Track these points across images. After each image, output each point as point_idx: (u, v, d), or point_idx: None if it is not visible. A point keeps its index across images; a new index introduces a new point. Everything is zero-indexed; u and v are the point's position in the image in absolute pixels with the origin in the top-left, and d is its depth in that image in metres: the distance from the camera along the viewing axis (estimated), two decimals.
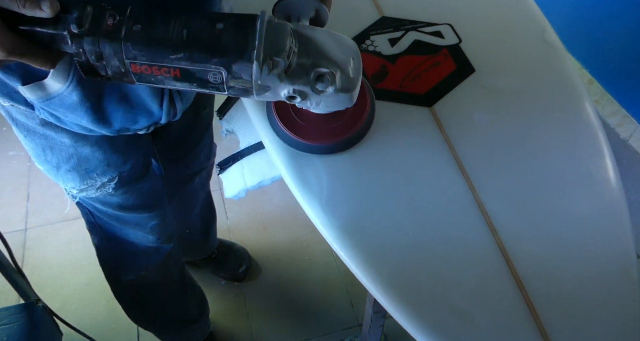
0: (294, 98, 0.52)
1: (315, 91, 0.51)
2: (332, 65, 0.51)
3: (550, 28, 0.84)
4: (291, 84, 0.50)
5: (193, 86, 0.50)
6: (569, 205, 0.65)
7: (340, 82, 0.51)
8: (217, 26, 0.48)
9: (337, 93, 0.51)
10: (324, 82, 0.50)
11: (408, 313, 0.56)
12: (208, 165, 1.22)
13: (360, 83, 0.54)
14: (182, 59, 0.47)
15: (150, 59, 0.48)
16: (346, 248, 0.61)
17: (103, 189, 0.84)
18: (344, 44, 0.53)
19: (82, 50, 0.48)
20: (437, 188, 0.66)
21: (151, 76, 0.49)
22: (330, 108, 0.55)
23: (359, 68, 0.54)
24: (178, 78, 0.49)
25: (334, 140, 0.65)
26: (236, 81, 0.49)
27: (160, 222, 1.00)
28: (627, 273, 0.59)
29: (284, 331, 1.51)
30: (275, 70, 0.48)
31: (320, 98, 0.52)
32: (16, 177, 1.85)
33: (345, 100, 0.54)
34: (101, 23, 0.47)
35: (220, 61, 0.47)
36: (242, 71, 0.48)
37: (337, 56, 0.52)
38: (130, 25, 0.47)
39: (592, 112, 0.74)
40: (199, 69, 0.48)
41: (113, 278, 1.12)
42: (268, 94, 0.51)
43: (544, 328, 0.56)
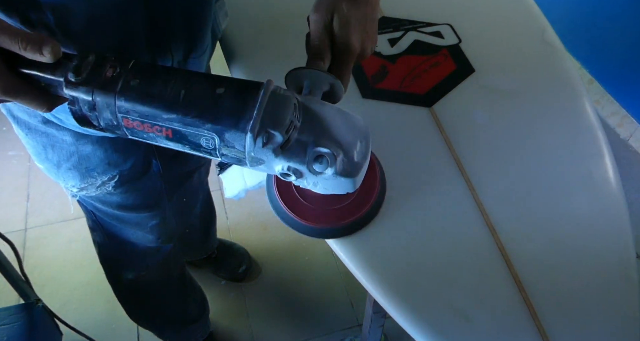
0: (288, 175, 0.48)
1: (312, 171, 0.47)
2: (335, 145, 0.47)
3: (550, 28, 0.84)
4: (286, 161, 0.47)
5: (185, 148, 0.48)
6: (568, 205, 0.65)
7: (341, 165, 0.47)
8: (217, 90, 0.45)
9: (336, 176, 0.48)
10: (323, 163, 0.47)
11: (407, 313, 0.56)
12: (206, 162, 1.22)
13: (365, 169, 0.50)
14: (174, 120, 0.45)
15: (142, 116, 0.46)
16: (345, 249, 0.61)
17: (103, 188, 0.84)
18: (354, 124, 0.49)
19: (76, 99, 0.46)
20: (436, 188, 0.65)
21: (143, 133, 0.47)
22: (329, 191, 0.51)
23: (366, 152, 0.49)
24: (170, 138, 0.47)
25: (338, 223, 0.60)
26: (229, 150, 0.46)
27: (160, 221, 1.00)
28: (626, 273, 0.59)
29: (284, 331, 1.51)
30: (270, 145, 0.45)
31: (318, 180, 0.49)
32: (16, 177, 1.86)
33: (346, 185, 0.49)
34: (100, 73, 0.46)
35: (213, 127, 0.45)
36: (235, 141, 0.45)
37: (343, 137, 0.48)
38: (129, 78, 0.46)
39: (592, 112, 0.74)
40: (191, 132, 0.46)
41: (114, 277, 1.12)
42: (262, 167, 0.48)
43: (543, 328, 0.56)
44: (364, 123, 0.50)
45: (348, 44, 0.56)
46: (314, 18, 0.56)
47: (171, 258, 1.14)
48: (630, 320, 0.57)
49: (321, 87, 0.54)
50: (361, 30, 0.57)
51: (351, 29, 0.56)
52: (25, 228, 1.72)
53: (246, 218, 1.75)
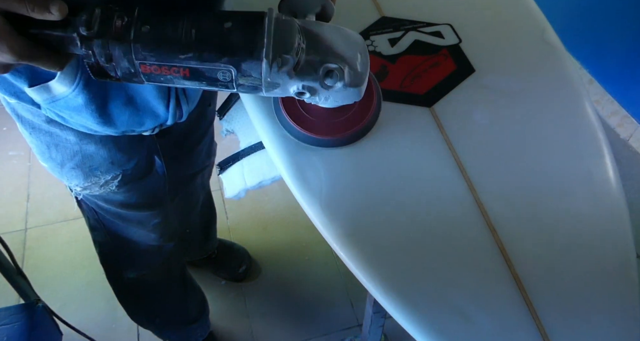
0: (303, 94, 0.52)
1: (324, 87, 0.51)
2: (340, 60, 0.51)
3: (550, 28, 0.84)
4: (300, 81, 0.51)
5: (202, 85, 0.50)
6: (568, 205, 0.65)
7: (348, 77, 0.52)
8: (225, 25, 0.48)
9: (345, 88, 0.52)
10: (333, 77, 0.51)
11: (407, 313, 0.56)
12: (209, 164, 1.22)
13: (367, 77, 0.54)
14: (191, 58, 0.47)
15: (159, 60, 0.48)
16: (345, 248, 0.61)
17: (106, 187, 0.84)
18: (351, 39, 0.53)
19: (91, 52, 0.48)
20: (436, 188, 0.66)
21: (161, 76, 0.49)
22: (338, 103, 0.56)
23: (366, 62, 0.54)
24: (187, 77, 0.49)
25: (343, 133, 0.66)
26: (245, 79, 0.49)
27: (163, 220, 1.00)
28: (626, 273, 0.59)
29: (284, 331, 1.51)
30: (285, 68, 0.49)
31: (329, 94, 0.53)
32: (16, 177, 1.86)
33: (353, 95, 0.54)
34: (110, 25, 0.47)
35: (229, 60, 0.47)
36: (252, 69, 0.48)
37: (344, 51, 0.52)
38: (139, 26, 0.47)
39: (591, 112, 0.74)
40: (208, 68, 0.48)
41: (114, 276, 1.12)
42: (277, 91, 0.51)
43: (543, 328, 0.56)
44: (359, 36, 0.54)
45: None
46: None
47: (172, 258, 1.14)
48: (631, 320, 0.57)
49: (314, 9, 0.59)
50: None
51: None
52: (25, 228, 1.72)
53: (246, 218, 1.75)
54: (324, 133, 0.66)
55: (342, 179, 0.66)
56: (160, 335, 1.38)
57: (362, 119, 0.67)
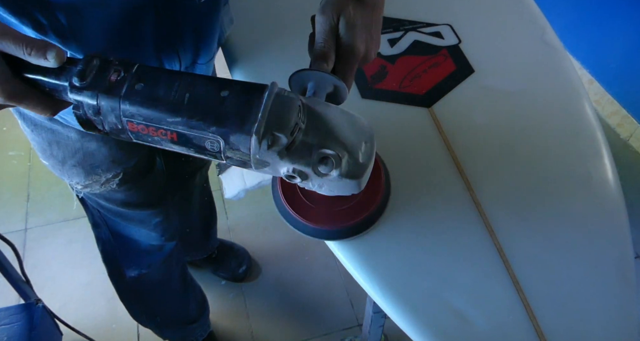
0: (294, 177, 0.48)
1: (317, 173, 0.47)
2: (339, 147, 0.47)
3: (550, 29, 0.84)
4: (291, 163, 0.46)
5: (190, 151, 0.48)
6: (567, 206, 0.65)
7: (346, 166, 0.47)
8: (222, 93, 0.45)
9: (341, 178, 0.47)
10: (328, 165, 0.46)
11: (405, 314, 0.56)
12: (208, 161, 1.22)
13: (370, 170, 0.50)
14: (179, 123, 0.45)
15: (147, 120, 0.46)
16: (343, 250, 0.61)
17: (107, 185, 0.84)
18: (359, 125, 0.49)
19: (80, 103, 0.46)
20: (434, 188, 0.66)
21: (148, 136, 0.47)
22: (334, 193, 0.51)
23: (370, 154, 0.49)
24: (175, 141, 0.47)
25: (343, 224, 0.60)
26: (233, 152, 0.46)
27: (164, 219, 1.00)
28: (624, 274, 0.59)
29: (284, 331, 1.51)
30: (275, 147, 0.45)
31: (323, 182, 0.48)
32: (16, 177, 1.86)
33: (351, 187, 0.49)
34: (104, 78, 0.46)
35: (217, 130, 0.44)
36: (240, 143, 0.45)
37: (347, 138, 0.47)
38: (133, 82, 0.46)
39: (591, 113, 0.74)
40: (196, 135, 0.45)
41: (116, 275, 1.12)
42: (267, 169, 0.48)
43: (540, 329, 0.56)
44: (368, 124, 0.50)
45: (353, 46, 0.55)
46: (320, 19, 0.56)
47: (173, 257, 1.15)
48: (628, 321, 0.57)
49: (325, 89, 0.54)
50: (367, 33, 0.57)
51: (357, 32, 0.56)
52: (25, 228, 1.72)
53: (246, 218, 1.75)
54: (322, 222, 0.60)
55: None
56: (160, 334, 1.38)
57: (367, 209, 0.60)
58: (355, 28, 0.56)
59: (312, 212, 0.60)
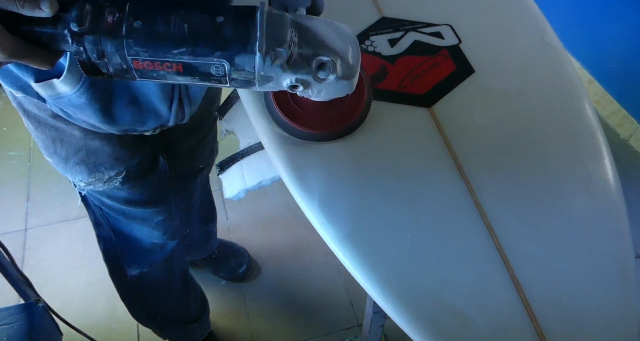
0: (297, 87, 0.52)
1: (317, 79, 0.52)
2: (332, 53, 0.52)
3: (551, 29, 0.84)
4: (293, 74, 0.51)
5: (195, 80, 0.50)
6: (567, 206, 0.65)
7: (341, 69, 0.52)
8: (218, 19, 0.48)
9: (338, 80, 0.52)
10: (326, 70, 0.51)
11: (405, 314, 0.56)
12: (212, 162, 1.23)
13: (359, 71, 0.55)
14: (184, 53, 0.47)
15: (152, 55, 0.48)
16: (344, 249, 0.61)
17: (110, 183, 0.85)
18: (342, 32, 0.54)
19: (83, 49, 0.48)
20: (435, 189, 0.66)
21: (153, 72, 0.49)
22: (331, 96, 0.56)
23: (357, 55, 0.54)
24: (180, 72, 0.49)
25: (336, 126, 0.66)
26: (239, 73, 0.49)
27: (166, 217, 1.00)
28: (624, 274, 0.59)
29: (284, 331, 1.51)
30: (278, 61, 0.49)
31: (322, 86, 0.53)
32: (16, 177, 1.86)
33: (346, 87, 0.54)
34: (101, 21, 0.47)
35: (223, 54, 0.47)
36: (245, 63, 0.48)
37: (336, 45, 0.52)
38: (131, 21, 0.47)
39: (591, 113, 0.74)
40: (201, 63, 0.48)
41: (117, 274, 1.12)
42: (270, 84, 0.51)
43: (541, 329, 0.56)
44: (350, 30, 0.55)
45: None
46: None
47: (175, 256, 1.15)
48: (628, 322, 0.57)
49: (304, 3, 0.59)
50: None
51: None
52: (25, 228, 1.72)
53: (246, 218, 1.75)
54: (316, 127, 0.66)
55: (339, 177, 0.66)
56: (160, 334, 1.38)
57: (355, 112, 0.67)
58: None
59: (306, 119, 0.66)
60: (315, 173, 0.65)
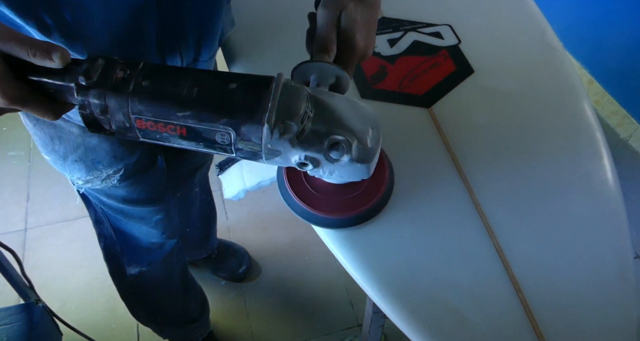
0: (306, 165, 0.49)
1: (329, 159, 0.48)
2: (348, 133, 0.48)
3: (550, 29, 0.84)
4: (303, 150, 0.48)
5: (199, 146, 0.48)
6: (566, 207, 0.65)
7: (356, 151, 0.48)
8: (230, 86, 0.46)
9: (352, 163, 0.49)
10: (339, 150, 0.48)
11: (404, 314, 0.56)
12: (208, 159, 1.23)
13: (378, 155, 0.51)
14: (188, 116, 0.45)
15: (156, 115, 0.46)
16: (343, 249, 0.61)
17: (108, 181, 0.85)
18: (364, 112, 0.51)
19: (87, 103, 0.46)
20: (434, 189, 0.66)
21: (156, 133, 0.47)
22: (344, 179, 0.52)
23: (378, 138, 0.51)
24: (184, 136, 0.47)
25: (349, 213, 0.61)
26: (245, 143, 0.46)
27: (165, 216, 1.01)
28: (624, 274, 0.59)
29: (284, 331, 1.51)
30: (287, 135, 0.46)
31: (334, 167, 0.50)
32: (16, 177, 1.86)
33: (361, 171, 0.51)
34: (110, 76, 0.46)
35: (228, 122, 0.45)
36: (251, 133, 0.45)
37: (355, 124, 0.49)
38: (140, 79, 0.46)
39: (591, 113, 0.74)
40: (206, 129, 0.46)
41: (117, 273, 1.13)
42: (278, 159, 0.48)
43: (539, 329, 0.56)
44: (372, 111, 0.52)
45: (353, 40, 0.57)
46: (322, 13, 0.57)
47: (174, 255, 1.15)
48: (627, 322, 0.57)
49: (327, 80, 0.55)
50: (366, 30, 0.59)
51: (357, 27, 0.57)
52: (25, 228, 1.72)
53: (246, 218, 1.75)
54: (329, 212, 0.61)
55: None
56: (160, 333, 1.38)
57: (373, 198, 0.61)
58: (356, 24, 0.57)
59: (319, 201, 0.61)
60: None
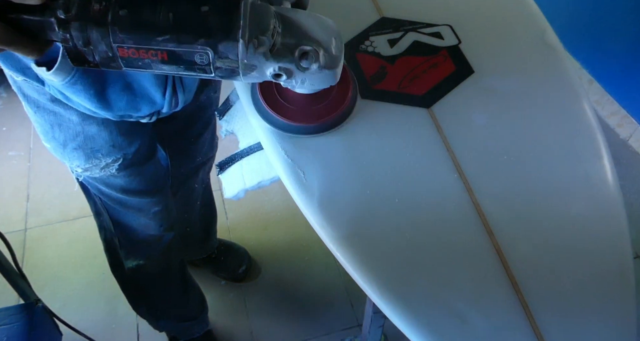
0: (280, 76, 0.53)
1: (300, 68, 0.53)
2: (315, 43, 0.53)
3: (551, 29, 0.84)
4: (276, 62, 0.52)
5: (180, 69, 0.51)
6: (566, 207, 0.65)
7: (323, 59, 0.53)
8: (202, 9, 0.49)
9: (321, 70, 0.53)
10: (308, 59, 0.52)
11: (403, 314, 0.56)
12: (211, 156, 1.24)
13: (342, 62, 0.56)
14: (168, 40, 0.48)
15: (137, 42, 0.48)
16: (342, 249, 0.61)
17: (107, 169, 0.86)
18: (325, 24, 0.55)
19: (69, 36, 0.48)
20: (434, 189, 0.66)
21: (138, 60, 0.50)
22: (315, 87, 0.57)
23: (340, 47, 0.55)
24: (165, 61, 0.50)
25: (320, 120, 0.67)
26: (222, 61, 0.50)
27: (163, 208, 1.01)
28: (623, 274, 0.59)
29: (284, 331, 1.51)
30: (261, 49, 0.50)
31: (305, 76, 0.54)
32: (16, 177, 1.86)
33: (329, 78, 0.56)
34: (88, 8, 0.48)
35: (206, 42, 0.48)
36: (229, 51, 0.49)
37: (319, 35, 0.54)
38: (117, 9, 0.48)
39: (590, 113, 0.74)
40: (185, 51, 0.49)
41: (117, 265, 1.13)
42: (254, 74, 0.52)
43: (538, 329, 0.56)
44: (333, 23, 0.56)
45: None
46: None
47: (172, 250, 1.16)
48: (627, 322, 0.57)
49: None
50: None
51: None
52: (25, 228, 1.72)
53: (246, 218, 1.75)
54: (302, 120, 0.67)
55: (338, 177, 0.65)
56: (157, 327, 1.39)
57: (341, 103, 0.68)
58: None
59: (293, 112, 0.67)
60: (315, 174, 0.65)
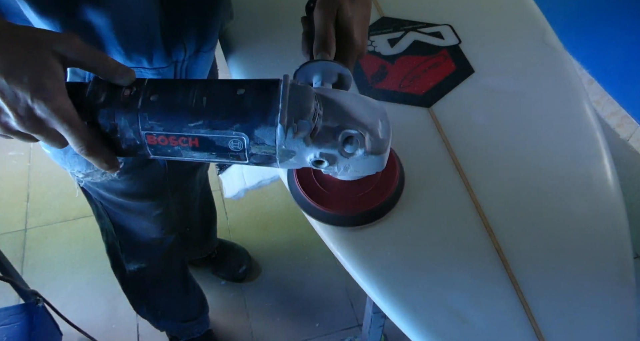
0: (321, 163, 0.49)
1: (343, 154, 0.48)
2: (360, 126, 0.48)
3: (550, 29, 0.84)
4: (318, 148, 0.48)
5: (212, 156, 0.48)
6: (566, 207, 0.65)
7: (370, 143, 0.49)
8: (238, 91, 0.46)
9: (367, 155, 0.49)
10: (353, 144, 0.48)
11: (404, 314, 0.56)
12: None
13: (389, 145, 0.51)
14: (200, 126, 0.45)
15: (167, 129, 0.45)
16: (343, 249, 0.61)
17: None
18: (371, 105, 0.51)
19: (95, 124, 0.46)
20: (434, 188, 0.66)
21: (167, 147, 0.47)
22: (359, 173, 0.53)
23: (388, 129, 0.51)
24: (196, 148, 0.47)
25: (361, 209, 0.61)
26: (258, 147, 0.46)
27: (164, 211, 1.01)
28: (624, 274, 0.59)
29: (284, 331, 1.51)
30: (301, 134, 0.46)
31: (349, 162, 0.50)
32: (16, 177, 1.86)
33: (376, 163, 0.51)
34: (118, 95, 0.46)
35: (241, 126, 0.45)
36: (265, 136, 0.45)
37: (364, 118, 0.49)
38: (148, 95, 0.46)
39: (590, 113, 0.74)
40: (218, 137, 0.46)
41: (118, 267, 1.14)
42: (292, 160, 0.48)
43: (539, 329, 0.56)
44: (379, 103, 0.52)
45: (352, 38, 0.59)
46: (319, 13, 0.59)
47: (173, 252, 1.16)
48: (627, 321, 0.57)
49: (331, 78, 0.56)
50: (362, 27, 0.61)
51: (354, 25, 0.59)
52: (25, 228, 1.72)
53: (246, 218, 1.75)
54: (341, 209, 0.61)
55: None
56: (158, 326, 1.39)
57: (384, 193, 0.61)
58: (353, 21, 0.59)
59: (331, 200, 0.61)
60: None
